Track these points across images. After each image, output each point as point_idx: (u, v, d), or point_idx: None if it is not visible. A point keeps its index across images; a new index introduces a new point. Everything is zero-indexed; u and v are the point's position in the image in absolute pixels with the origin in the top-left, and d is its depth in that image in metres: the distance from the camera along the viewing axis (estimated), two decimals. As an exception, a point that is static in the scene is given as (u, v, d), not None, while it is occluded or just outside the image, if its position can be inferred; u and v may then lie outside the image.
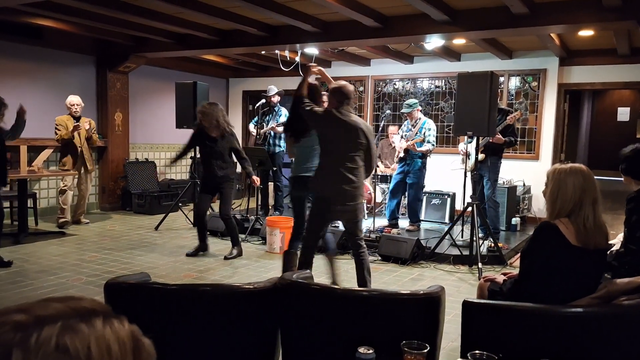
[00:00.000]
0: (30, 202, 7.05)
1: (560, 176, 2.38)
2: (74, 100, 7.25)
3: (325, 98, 6.66)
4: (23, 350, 0.52)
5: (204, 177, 5.93)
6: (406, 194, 7.15)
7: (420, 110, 7.11)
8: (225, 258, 5.79)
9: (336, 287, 2.12)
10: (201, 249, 6.02)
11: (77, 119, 7.21)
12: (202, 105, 5.79)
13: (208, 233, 6.19)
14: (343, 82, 4.15)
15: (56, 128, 7.09)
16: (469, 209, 5.79)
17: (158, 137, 9.86)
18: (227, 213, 5.88)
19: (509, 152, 7.15)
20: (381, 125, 7.87)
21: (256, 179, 6.18)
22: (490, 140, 6.24)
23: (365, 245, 4.30)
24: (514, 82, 8.51)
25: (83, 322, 0.56)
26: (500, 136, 6.26)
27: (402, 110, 7.12)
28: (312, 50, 7.79)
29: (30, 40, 7.45)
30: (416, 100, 7.17)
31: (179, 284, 3.37)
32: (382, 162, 8.40)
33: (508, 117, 6.37)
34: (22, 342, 0.52)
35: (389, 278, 5.27)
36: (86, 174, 7.48)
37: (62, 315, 0.56)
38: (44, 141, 7.50)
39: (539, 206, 8.06)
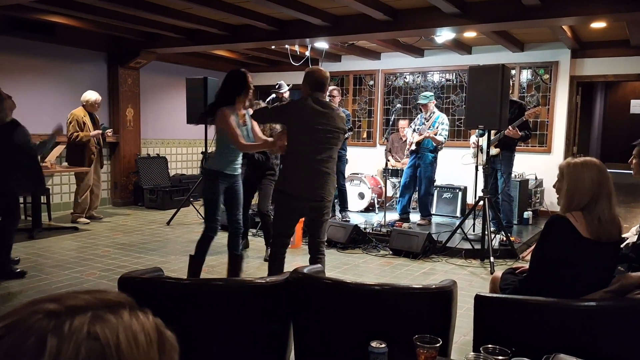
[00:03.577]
0: (43, 198, 7.12)
1: (577, 170, 2.35)
2: (98, 97, 7.27)
3: (336, 92, 6.69)
4: (57, 337, 0.54)
5: (245, 171, 5.54)
6: (417, 188, 7.14)
7: (435, 104, 7.11)
8: (265, 260, 5.37)
9: (348, 281, 2.14)
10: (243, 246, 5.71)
11: (92, 115, 7.25)
12: None
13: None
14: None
15: (72, 125, 7.01)
16: (481, 202, 5.77)
17: (169, 132, 9.91)
18: (267, 209, 5.46)
19: (520, 146, 7.11)
20: (392, 119, 7.85)
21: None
22: (505, 133, 6.19)
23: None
24: (526, 75, 8.44)
25: (111, 312, 0.59)
26: (516, 130, 6.20)
27: (419, 101, 7.12)
28: (322, 44, 7.77)
29: (42, 37, 7.50)
30: (432, 93, 7.21)
31: (192, 279, 3.39)
32: (392, 156, 8.38)
33: (526, 113, 6.31)
34: (56, 329, 0.55)
35: (400, 272, 5.27)
36: (99, 170, 7.54)
37: (92, 305, 0.58)
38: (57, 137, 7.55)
39: (551, 199, 8.00)
